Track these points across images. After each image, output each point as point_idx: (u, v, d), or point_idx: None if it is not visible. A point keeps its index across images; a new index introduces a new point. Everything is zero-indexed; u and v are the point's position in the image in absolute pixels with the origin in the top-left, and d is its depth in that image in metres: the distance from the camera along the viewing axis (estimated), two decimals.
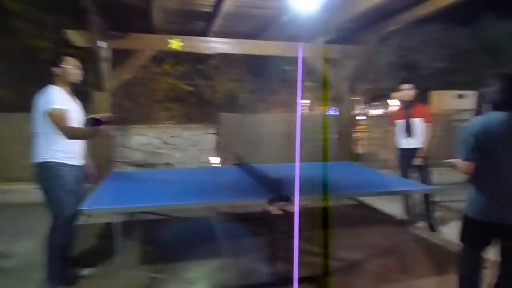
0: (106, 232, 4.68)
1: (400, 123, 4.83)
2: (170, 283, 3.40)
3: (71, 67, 3.23)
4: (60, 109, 3.05)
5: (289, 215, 3.13)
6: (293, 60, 8.69)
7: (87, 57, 5.35)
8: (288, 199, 3.09)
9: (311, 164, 5.61)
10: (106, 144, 5.52)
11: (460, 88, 12.33)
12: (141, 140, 6.54)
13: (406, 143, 4.80)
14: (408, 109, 4.77)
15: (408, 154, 4.77)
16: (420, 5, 4.71)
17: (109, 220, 4.91)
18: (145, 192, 3.57)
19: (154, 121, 7.39)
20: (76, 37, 5.25)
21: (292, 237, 3.33)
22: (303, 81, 9.15)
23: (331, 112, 9.83)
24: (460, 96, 11.42)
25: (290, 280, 3.30)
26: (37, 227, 4.65)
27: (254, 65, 8.90)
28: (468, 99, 11.52)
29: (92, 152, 3.56)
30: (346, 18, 4.93)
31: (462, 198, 3.53)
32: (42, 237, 4.32)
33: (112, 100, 5.65)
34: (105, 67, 5.33)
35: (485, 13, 14.29)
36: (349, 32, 6.00)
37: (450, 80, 12.38)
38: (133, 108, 7.19)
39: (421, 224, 4.86)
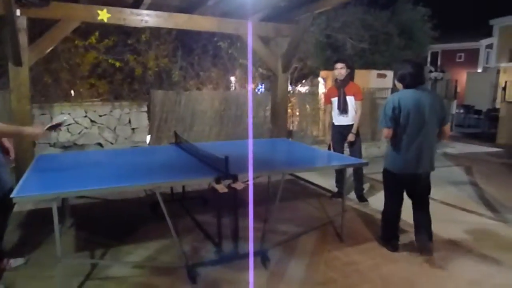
0: (34, 220, 4.36)
1: (335, 100, 5.06)
2: (113, 268, 3.28)
3: None
4: None
5: (236, 193, 3.18)
6: (226, 36, 8.60)
7: (2, 27, 4.79)
8: (235, 177, 3.12)
9: (247, 142, 5.69)
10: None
11: (380, 68, 13.21)
12: (66, 119, 6.07)
13: (341, 120, 5.06)
14: (341, 87, 5.01)
15: (341, 131, 5.04)
16: None
17: (33, 207, 4.58)
18: (79, 175, 3.34)
19: (78, 98, 6.86)
20: None
21: (237, 214, 3.40)
22: (235, 58, 9.12)
23: (262, 89, 9.98)
24: (380, 75, 12.24)
25: (235, 257, 3.39)
26: None
27: (186, 41, 8.63)
28: (387, 78, 12.41)
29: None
30: None
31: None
32: None
33: (31, 75, 5.13)
34: (22, 38, 4.79)
35: None
36: (283, 11, 6.04)
37: (371, 61, 13.13)
38: (54, 84, 6.59)
39: (351, 196, 5.20)
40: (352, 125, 4.99)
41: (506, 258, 3.60)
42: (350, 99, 4.98)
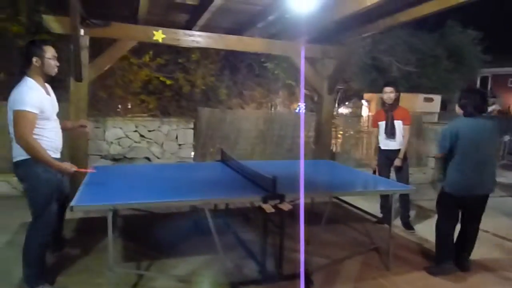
0: (84, 227, 4.56)
1: (382, 124, 4.98)
2: (158, 280, 3.36)
3: (50, 58, 3.04)
4: (29, 112, 2.83)
5: (282, 213, 3.18)
6: (272, 57, 8.74)
7: (65, 45, 5.14)
8: (283, 197, 3.13)
9: (292, 162, 5.69)
10: (81, 137, 5.32)
11: (426, 91, 12.87)
12: (117, 133, 6.35)
13: (388, 144, 4.96)
14: (390, 111, 4.93)
15: (388, 155, 4.94)
16: (402, 12, 4.86)
17: (83, 216, 4.79)
18: (131, 188, 3.49)
19: (129, 113, 7.19)
20: (53, 23, 5.01)
21: (282, 235, 3.39)
22: (280, 78, 9.23)
23: (305, 110, 9.99)
24: (427, 99, 11.92)
25: (278, 278, 3.37)
26: (8, 222, 4.47)
27: (233, 60, 8.86)
28: (434, 102, 12.06)
29: (66, 144, 3.44)
30: (331, 20, 4.99)
31: (429, 197, 3.81)
32: (14, 233, 4.17)
33: (88, 90, 5.45)
34: (84, 56, 5.13)
35: (450, 20, 14.92)
36: (330, 33, 6.09)
37: (418, 84, 12.84)
38: (108, 99, 6.96)
39: (396, 222, 5.05)
40: (399, 149, 4.89)
41: None
42: (398, 124, 4.88)
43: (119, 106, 7.64)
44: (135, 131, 6.44)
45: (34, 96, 2.90)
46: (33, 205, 3.01)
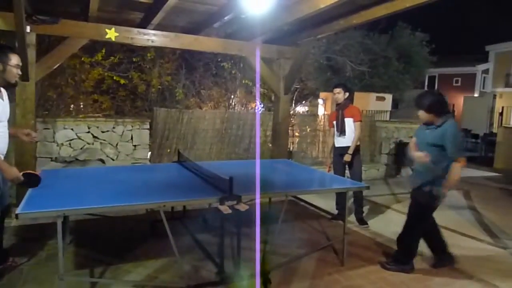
0: (32, 234, 4.34)
1: (335, 123, 5.15)
2: (113, 287, 3.26)
3: (13, 66, 2.99)
4: None
5: (239, 214, 3.19)
6: (229, 57, 8.74)
7: (10, 43, 4.86)
8: (239, 198, 3.14)
9: (250, 162, 5.73)
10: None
11: (378, 91, 13.42)
12: (68, 134, 6.09)
13: (339, 141, 5.13)
14: (340, 110, 5.11)
15: (341, 152, 5.10)
16: (355, 14, 5.01)
17: (32, 222, 4.56)
18: (82, 192, 3.37)
19: (80, 114, 6.92)
20: None
21: (239, 235, 3.41)
22: (237, 78, 9.24)
23: (264, 110, 10.08)
24: (379, 98, 12.44)
25: (235, 278, 3.38)
26: None
27: (189, 60, 8.76)
28: (385, 101, 12.60)
29: (13, 146, 3.28)
30: (287, 21, 5.07)
31: (382, 193, 3.88)
32: None
33: (35, 89, 5.19)
34: (31, 54, 4.87)
35: (400, 22, 15.63)
36: (286, 34, 6.18)
37: (370, 83, 13.33)
38: (58, 99, 6.65)
39: (351, 218, 5.22)
40: (349, 147, 5.05)
41: (506, 285, 3.60)
42: (348, 121, 5.06)
43: (71, 106, 7.33)
44: (88, 132, 6.21)
45: None
46: None
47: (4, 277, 3.30)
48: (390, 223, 5.30)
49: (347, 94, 5.18)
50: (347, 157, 5.02)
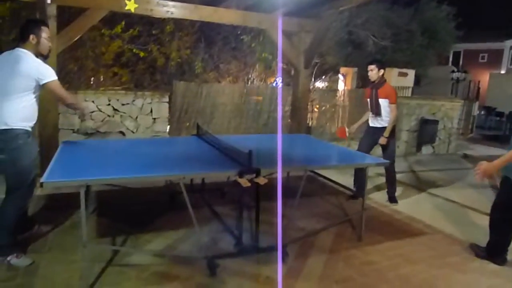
0: (55, 204, 4.46)
1: (368, 101, 4.99)
2: (133, 255, 3.35)
3: (46, 39, 3.18)
4: (57, 80, 3.14)
5: (258, 187, 3.20)
6: (249, 30, 8.59)
7: (31, 14, 4.88)
8: (259, 171, 3.13)
9: (268, 136, 5.70)
10: (51, 110, 5.15)
11: (401, 66, 13.05)
12: (90, 106, 6.15)
13: (373, 122, 5.00)
14: (374, 89, 4.91)
15: (372, 133, 4.98)
16: None
17: (55, 191, 4.68)
18: (104, 163, 3.42)
19: (101, 86, 6.97)
20: None
21: (258, 208, 3.43)
22: (257, 51, 9.11)
23: (282, 84, 9.96)
24: (401, 74, 12.11)
25: (254, 250, 3.42)
26: None
27: (208, 33, 8.65)
28: (408, 77, 12.26)
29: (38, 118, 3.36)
30: None
31: (401, 170, 3.79)
32: None
33: (57, 62, 5.22)
34: (51, 26, 4.87)
35: None
36: (307, 6, 6.00)
37: (393, 58, 12.96)
38: (79, 71, 6.70)
39: (374, 196, 5.17)
40: (385, 128, 4.87)
41: None
42: (383, 102, 4.82)
43: (92, 78, 7.38)
44: (108, 104, 6.25)
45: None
46: (13, 176, 3.08)
47: (30, 243, 3.41)
48: (409, 201, 5.25)
49: (381, 71, 4.87)
50: (382, 140, 4.82)
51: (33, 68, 3.04)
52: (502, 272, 3.41)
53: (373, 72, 4.86)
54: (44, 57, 3.26)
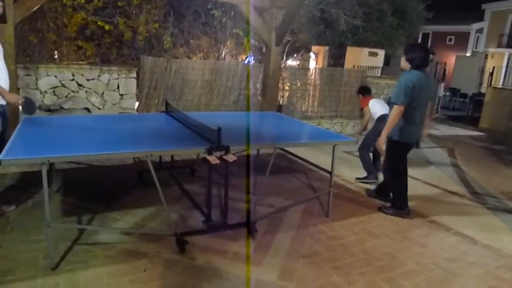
0: (18, 183, 4.31)
1: None
2: (101, 234, 3.29)
3: None
4: None
5: (227, 164, 3.19)
6: (219, 4, 8.39)
7: None
8: (228, 149, 3.12)
9: (239, 114, 5.67)
10: (13, 84, 4.88)
11: (371, 46, 13.17)
12: (52, 81, 5.90)
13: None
14: None
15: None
16: None
17: (17, 170, 4.52)
18: (68, 140, 3.31)
19: (64, 60, 6.66)
20: None
21: (227, 185, 3.43)
22: (228, 27, 8.94)
23: (253, 61, 9.86)
24: (372, 54, 12.22)
25: (223, 227, 3.44)
26: None
27: (178, 6, 8.38)
28: (378, 57, 12.40)
29: None
30: None
31: None
32: None
33: (15, 33, 4.94)
34: None
35: None
36: None
37: (363, 38, 13.05)
38: (39, 44, 6.36)
39: (339, 173, 5.27)
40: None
41: (482, 237, 3.75)
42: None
43: (54, 52, 7.04)
44: (72, 79, 6.01)
45: None
46: None
47: None
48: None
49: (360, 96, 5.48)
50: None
51: None
52: (459, 246, 3.59)
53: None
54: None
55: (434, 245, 3.55)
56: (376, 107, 5.15)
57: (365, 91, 5.54)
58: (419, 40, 25.05)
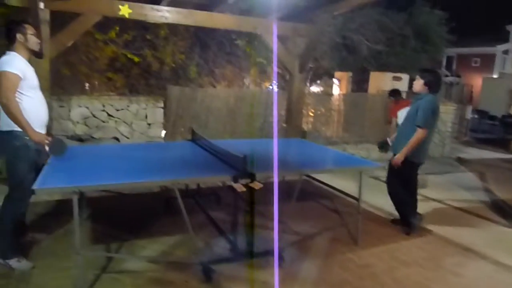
0: (49, 210, 4.43)
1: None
2: (128, 262, 3.32)
3: (32, 34, 3.17)
4: (11, 72, 2.93)
5: (252, 192, 3.19)
6: (243, 34, 8.59)
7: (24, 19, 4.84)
8: (253, 176, 3.12)
9: (264, 141, 5.70)
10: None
11: (395, 70, 13.10)
12: (83, 112, 6.13)
13: None
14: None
15: None
16: None
17: (48, 198, 4.64)
18: (98, 169, 3.39)
19: (95, 91, 6.93)
20: None
21: (253, 213, 3.42)
22: (251, 56, 9.11)
23: (277, 88, 9.95)
24: (395, 78, 12.14)
25: (250, 255, 3.40)
26: None
27: (203, 37, 8.64)
28: (402, 81, 12.30)
29: None
30: None
31: None
32: None
33: (50, 67, 5.20)
34: (44, 31, 4.85)
35: (418, 0, 15.12)
36: (301, 10, 6.04)
37: (386, 63, 13.01)
38: (72, 77, 6.66)
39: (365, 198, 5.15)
40: None
41: None
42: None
43: (86, 84, 7.34)
44: (102, 110, 6.23)
45: (17, 61, 3.02)
46: (10, 177, 3.12)
47: (24, 251, 3.37)
48: None
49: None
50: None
51: None
52: (497, 275, 3.41)
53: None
54: (37, 55, 3.33)
55: (470, 274, 3.39)
56: (401, 119, 5.10)
57: (397, 94, 5.50)
58: (444, 63, 24.80)
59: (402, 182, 4.21)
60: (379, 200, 5.26)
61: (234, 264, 3.31)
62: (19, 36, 3.10)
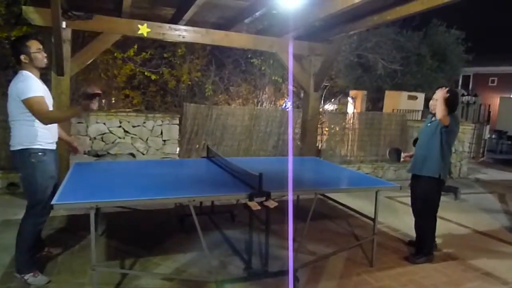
0: (66, 225, 4.47)
1: None
2: (142, 279, 3.31)
3: (36, 52, 3.14)
4: (37, 96, 3.01)
5: (268, 211, 3.17)
6: (259, 53, 8.71)
7: (46, 38, 5.00)
8: (269, 195, 3.11)
9: (278, 159, 5.70)
10: (66, 132, 5.21)
11: (410, 89, 13.06)
12: (101, 128, 6.24)
13: None
14: None
15: None
16: (389, 10, 4.87)
17: (65, 213, 4.69)
18: (114, 185, 3.43)
19: (112, 108, 7.08)
20: (33, 14, 4.87)
21: (268, 232, 3.38)
22: (268, 75, 9.20)
23: (292, 107, 9.99)
24: (411, 97, 12.09)
25: (264, 275, 3.36)
26: None
27: (219, 56, 8.79)
28: (418, 100, 12.24)
29: None
30: (319, 16, 4.98)
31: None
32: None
33: (70, 84, 5.33)
34: (66, 49, 5.00)
35: (435, 19, 15.13)
36: (317, 30, 6.10)
37: (402, 82, 12.98)
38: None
39: (390, 220, 5.07)
40: None
41: None
42: None
43: (103, 101, 7.51)
44: (119, 126, 6.33)
45: (34, 84, 3.07)
46: (29, 193, 3.15)
47: (40, 266, 3.40)
48: None
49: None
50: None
51: (15, 89, 3.02)
52: None
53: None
54: (45, 70, 3.37)
55: None
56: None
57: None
58: (460, 82, 24.60)
59: (431, 206, 4.06)
60: (394, 220, 5.17)
61: (249, 283, 3.27)
62: (23, 57, 3.08)
